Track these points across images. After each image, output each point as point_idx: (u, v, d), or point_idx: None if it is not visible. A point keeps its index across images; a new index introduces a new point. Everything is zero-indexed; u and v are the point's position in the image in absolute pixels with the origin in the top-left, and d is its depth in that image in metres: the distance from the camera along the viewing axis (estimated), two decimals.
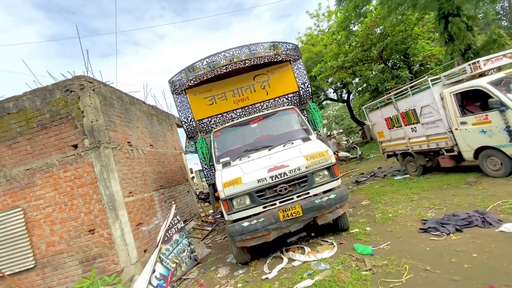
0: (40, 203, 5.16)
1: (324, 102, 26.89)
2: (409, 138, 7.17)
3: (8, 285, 4.99)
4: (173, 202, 5.88)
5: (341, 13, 13.32)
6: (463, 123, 5.56)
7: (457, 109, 5.63)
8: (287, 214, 3.97)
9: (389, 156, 8.47)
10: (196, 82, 5.51)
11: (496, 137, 4.97)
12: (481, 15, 11.91)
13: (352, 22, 12.51)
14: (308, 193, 4.12)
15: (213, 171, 5.12)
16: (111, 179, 5.19)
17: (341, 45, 15.84)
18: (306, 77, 5.82)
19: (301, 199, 4.08)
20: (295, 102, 5.86)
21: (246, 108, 5.72)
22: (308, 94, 5.83)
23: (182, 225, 5.36)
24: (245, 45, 5.26)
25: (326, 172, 4.20)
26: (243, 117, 5.66)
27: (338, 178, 4.27)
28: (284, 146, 4.71)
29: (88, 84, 5.36)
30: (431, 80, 6.10)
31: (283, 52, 5.52)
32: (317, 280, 3.22)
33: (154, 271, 4.42)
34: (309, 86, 5.80)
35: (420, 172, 7.19)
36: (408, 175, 7.61)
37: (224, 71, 5.32)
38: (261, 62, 5.46)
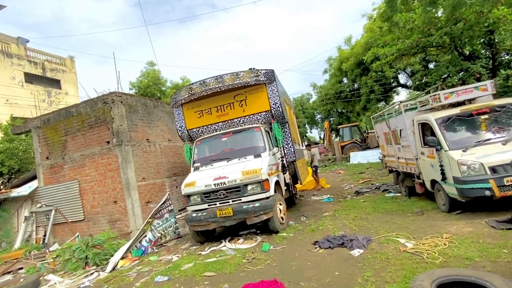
0: (88, 178, 8.85)
1: (398, 88, 25.69)
2: (397, 158, 8.07)
3: (70, 228, 8.99)
4: (167, 191, 8.83)
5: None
6: (422, 153, 6.44)
7: (420, 138, 6.50)
8: (222, 212, 6.27)
9: (390, 172, 9.32)
10: (190, 99, 7.99)
11: (437, 173, 5.85)
12: None
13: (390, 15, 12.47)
14: (240, 199, 6.27)
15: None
16: (128, 168, 8.40)
17: (401, 29, 15.49)
18: (279, 98, 7.56)
19: (235, 203, 6.27)
20: (267, 119, 7.74)
21: (226, 122, 7.93)
22: (279, 113, 7.60)
23: (172, 208, 8.25)
24: (229, 73, 7.40)
25: (257, 186, 6.24)
26: (223, 129, 7.91)
27: (268, 191, 6.25)
28: (238, 159, 6.90)
29: (117, 98, 8.55)
30: (406, 105, 6.94)
31: (260, 76, 7.43)
32: (218, 259, 5.51)
33: (145, 236, 7.47)
34: (280, 106, 7.55)
35: (407, 193, 8.01)
36: (400, 194, 8.50)
37: (209, 92, 7.60)
38: (241, 85, 7.52)
